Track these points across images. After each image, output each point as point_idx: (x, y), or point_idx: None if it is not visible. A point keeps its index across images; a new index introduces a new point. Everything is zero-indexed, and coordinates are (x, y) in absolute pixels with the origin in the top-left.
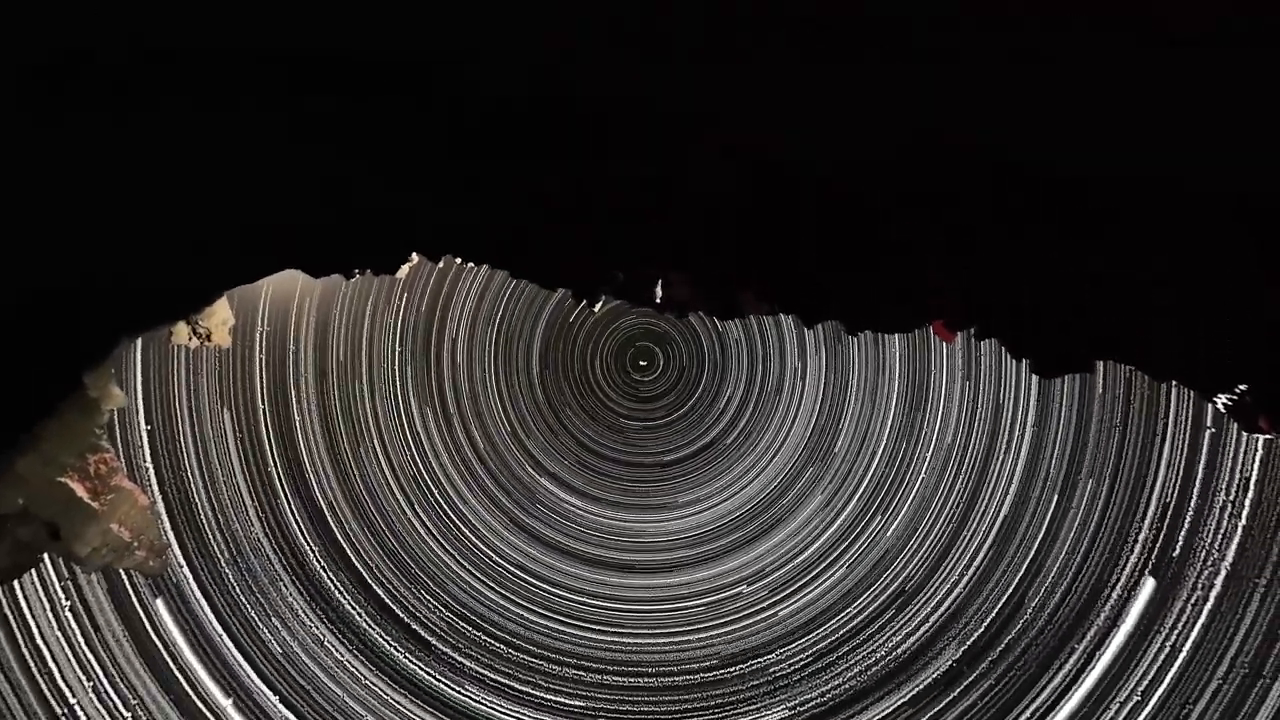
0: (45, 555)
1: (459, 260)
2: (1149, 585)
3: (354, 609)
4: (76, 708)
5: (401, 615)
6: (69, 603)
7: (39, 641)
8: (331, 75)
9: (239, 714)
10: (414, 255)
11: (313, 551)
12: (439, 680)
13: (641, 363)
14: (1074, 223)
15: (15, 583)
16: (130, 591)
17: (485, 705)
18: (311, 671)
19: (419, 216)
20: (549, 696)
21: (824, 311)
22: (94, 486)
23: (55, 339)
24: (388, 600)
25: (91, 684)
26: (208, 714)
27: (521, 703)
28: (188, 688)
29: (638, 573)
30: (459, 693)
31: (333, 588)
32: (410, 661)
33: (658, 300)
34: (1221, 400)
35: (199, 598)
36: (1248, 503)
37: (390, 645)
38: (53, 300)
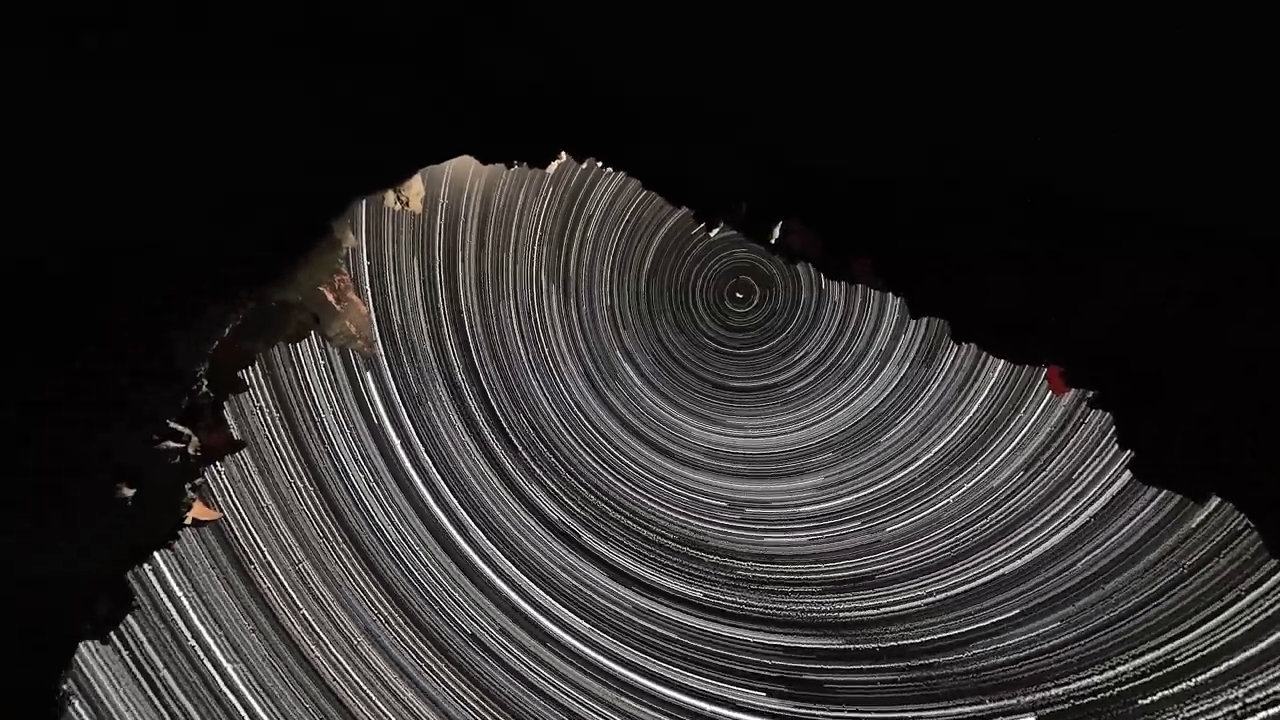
0: (311, 333)
1: (600, 164)
2: None
3: (478, 412)
4: (323, 416)
5: (504, 426)
6: (323, 363)
7: (306, 379)
8: None
9: (399, 439)
10: (563, 154)
11: (457, 367)
12: (522, 478)
13: (738, 294)
14: None
15: (296, 345)
16: (352, 364)
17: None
18: (447, 447)
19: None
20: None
21: (934, 305)
22: (336, 296)
23: (316, 200)
24: (494, 407)
25: (330, 409)
26: (382, 431)
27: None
28: (371, 408)
29: (671, 458)
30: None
31: (466, 395)
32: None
33: (773, 241)
34: None
35: (388, 377)
36: None
37: (498, 449)
38: (312, 173)
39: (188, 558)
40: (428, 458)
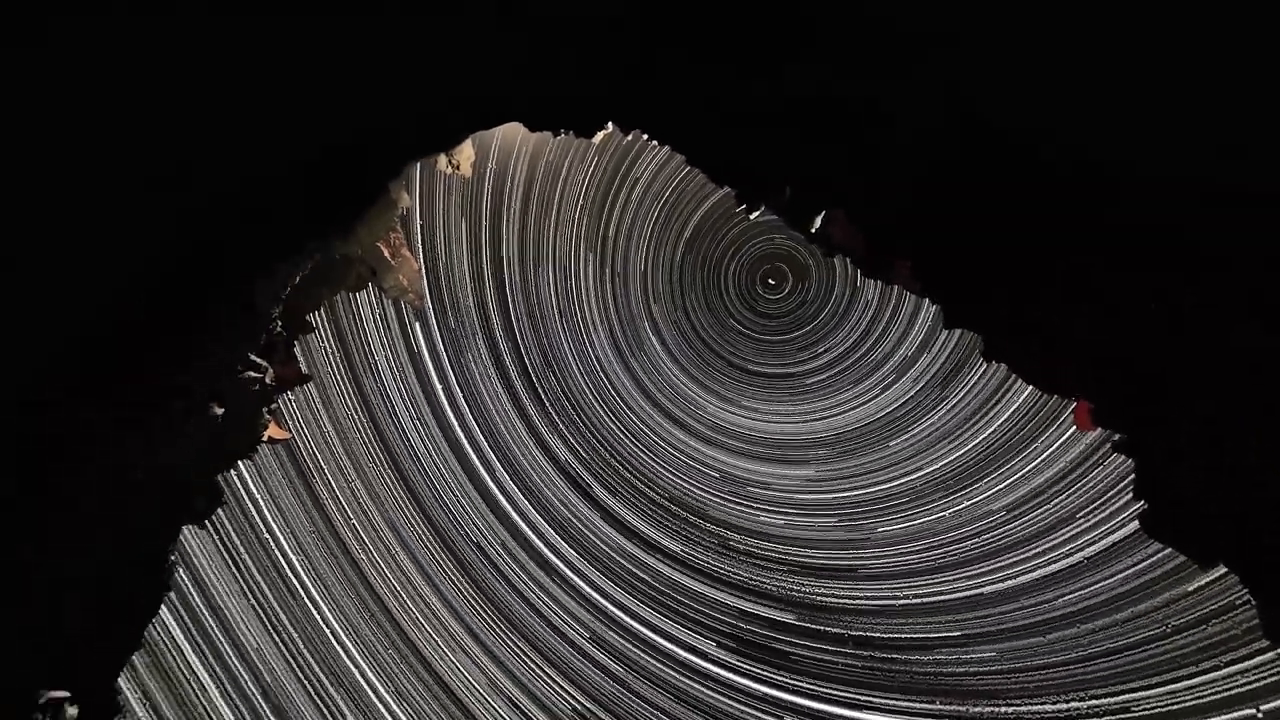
0: (369, 284)
1: (645, 136)
2: None
3: (512, 366)
4: (376, 359)
5: (534, 381)
6: (378, 311)
7: (363, 325)
8: None
9: (440, 383)
10: (610, 124)
11: (496, 324)
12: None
13: (770, 281)
14: None
15: (356, 294)
16: (403, 314)
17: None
18: (481, 395)
19: (618, 95)
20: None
21: (970, 318)
22: (391, 252)
23: (377, 160)
24: (527, 363)
25: (383, 352)
26: (426, 375)
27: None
28: (419, 355)
29: (684, 430)
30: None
31: (502, 350)
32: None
33: (813, 230)
34: None
35: (434, 328)
36: None
37: (526, 401)
38: (375, 135)
39: (264, 468)
40: (464, 402)
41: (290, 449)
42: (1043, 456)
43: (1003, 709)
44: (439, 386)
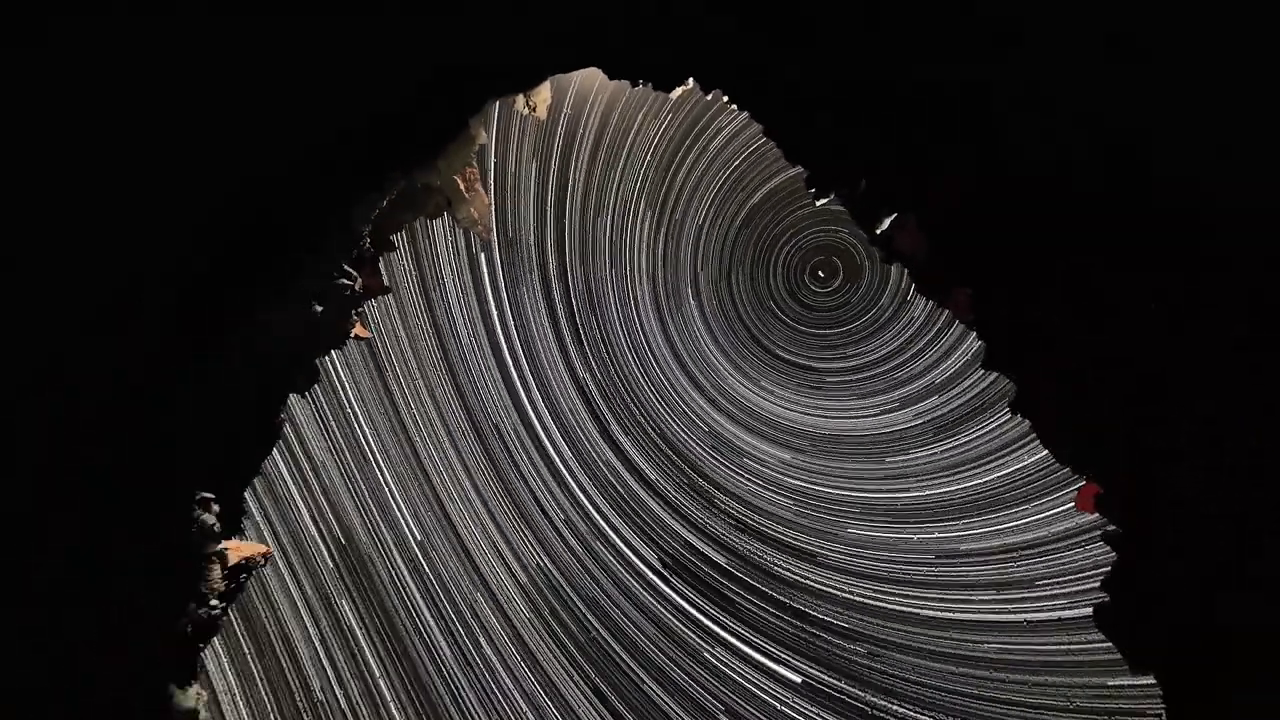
0: (444, 214)
1: (726, 99)
2: None
3: (559, 305)
4: (445, 280)
5: (577, 322)
6: (450, 239)
7: (436, 249)
8: None
9: (496, 309)
10: (690, 80)
11: (551, 264)
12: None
13: (821, 273)
14: None
15: (433, 221)
16: (472, 244)
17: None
18: (529, 326)
19: (703, 55)
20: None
21: (1013, 364)
22: (466, 185)
23: (460, 99)
24: (573, 305)
25: (451, 275)
26: (484, 300)
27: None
28: (480, 281)
29: (701, 392)
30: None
31: (553, 289)
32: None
33: (878, 231)
34: None
35: (496, 258)
36: None
37: (566, 337)
38: (458, 73)
39: (350, 358)
40: (513, 328)
41: (370, 346)
42: (1026, 520)
43: (894, 708)
44: (494, 311)
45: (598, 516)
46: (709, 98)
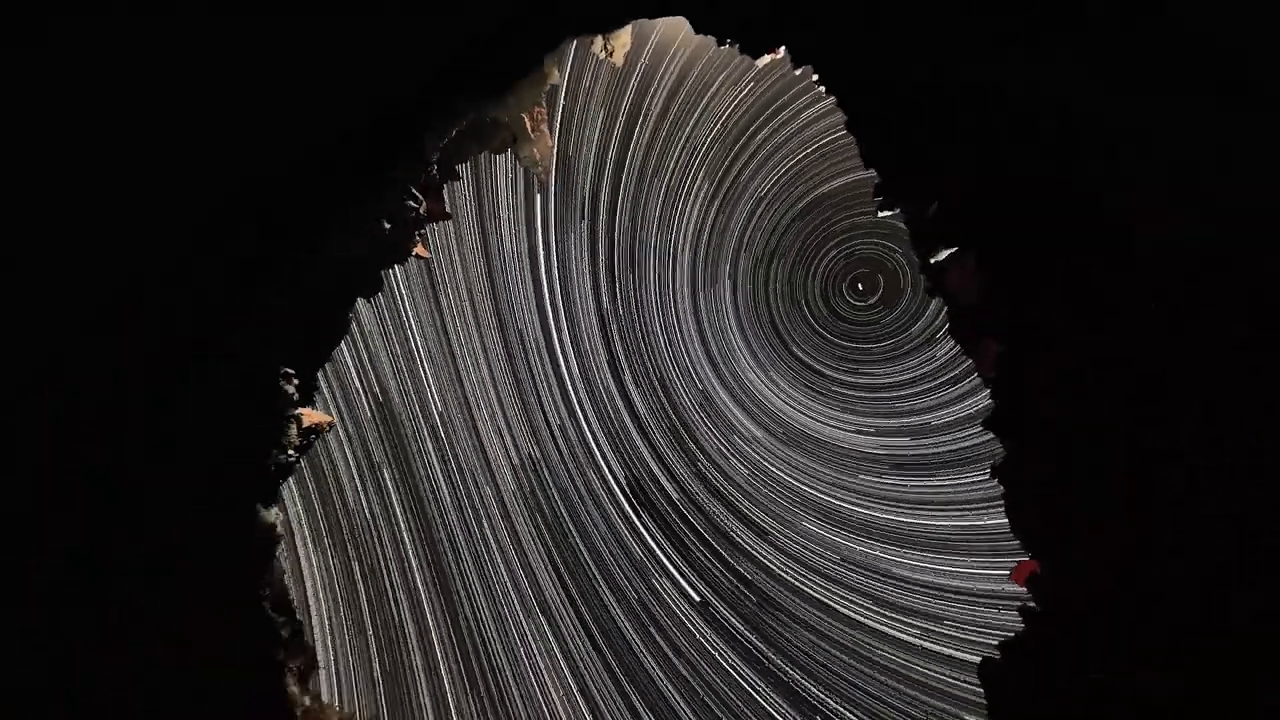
0: (508, 150)
1: (815, 77)
2: None
3: (601, 256)
4: (501, 214)
5: (615, 277)
6: (510, 176)
7: (496, 183)
8: None
9: (543, 249)
10: (782, 50)
11: (601, 216)
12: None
13: (860, 286)
14: None
15: (496, 156)
16: (530, 182)
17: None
18: (569, 270)
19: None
20: None
21: (1012, 432)
22: (532, 124)
23: (536, 34)
24: (614, 259)
25: (506, 210)
26: (533, 237)
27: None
28: (533, 220)
29: (715, 370)
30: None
31: (598, 240)
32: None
33: (932, 260)
34: None
35: (551, 201)
36: None
37: (602, 290)
38: (538, 8)
39: (410, 273)
40: (556, 271)
41: (428, 265)
42: (967, 571)
43: (832, 704)
44: (540, 251)
45: (585, 428)
46: (798, 72)
